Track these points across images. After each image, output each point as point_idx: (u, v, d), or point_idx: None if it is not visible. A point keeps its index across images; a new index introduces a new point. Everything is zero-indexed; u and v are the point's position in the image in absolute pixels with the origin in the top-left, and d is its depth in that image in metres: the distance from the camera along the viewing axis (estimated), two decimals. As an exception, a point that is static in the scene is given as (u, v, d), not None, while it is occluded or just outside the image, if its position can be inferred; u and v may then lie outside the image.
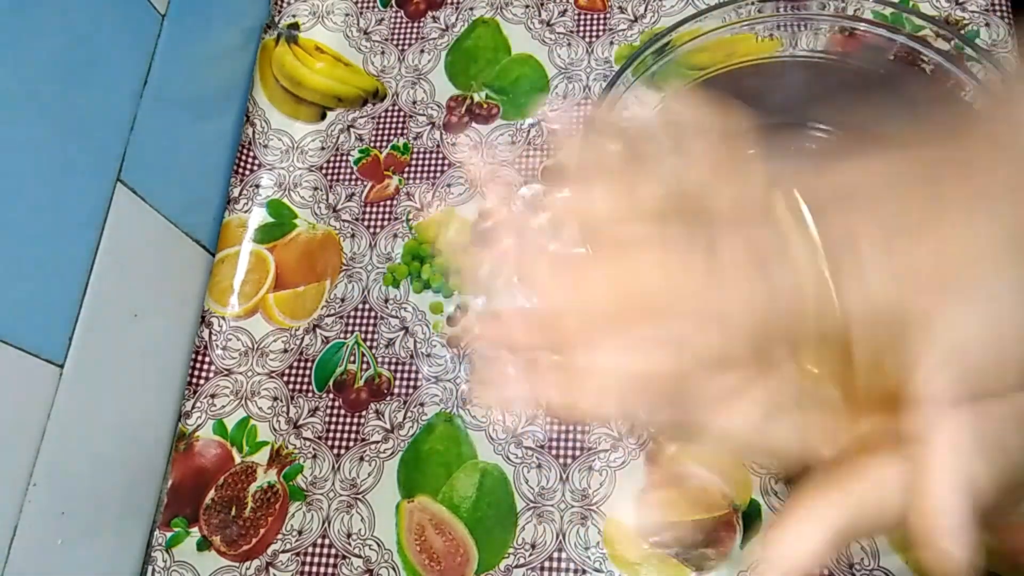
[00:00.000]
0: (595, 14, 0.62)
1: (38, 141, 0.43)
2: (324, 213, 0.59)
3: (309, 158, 0.61)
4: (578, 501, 0.48)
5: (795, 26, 0.44)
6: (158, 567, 0.51)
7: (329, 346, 0.55)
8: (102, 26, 0.48)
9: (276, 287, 0.58)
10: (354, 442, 0.52)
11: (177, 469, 0.53)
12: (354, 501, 0.51)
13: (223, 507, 0.52)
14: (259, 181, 0.61)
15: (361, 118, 0.62)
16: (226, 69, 0.63)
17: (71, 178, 0.46)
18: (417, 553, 0.49)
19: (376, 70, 0.63)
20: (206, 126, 0.60)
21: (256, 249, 0.59)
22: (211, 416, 0.54)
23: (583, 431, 0.50)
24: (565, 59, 0.61)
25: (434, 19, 0.64)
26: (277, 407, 0.54)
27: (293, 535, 0.50)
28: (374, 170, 0.60)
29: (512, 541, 0.48)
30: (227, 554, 0.51)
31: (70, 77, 0.46)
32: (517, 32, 0.62)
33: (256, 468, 0.53)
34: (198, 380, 0.55)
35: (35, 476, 0.43)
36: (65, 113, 0.45)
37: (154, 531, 0.52)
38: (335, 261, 0.58)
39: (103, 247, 0.48)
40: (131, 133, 0.51)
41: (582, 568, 0.47)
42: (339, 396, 0.54)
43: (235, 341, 0.56)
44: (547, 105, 0.59)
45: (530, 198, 0.57)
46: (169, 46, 0.54)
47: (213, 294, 0.57)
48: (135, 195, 0.51)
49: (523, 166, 0.58)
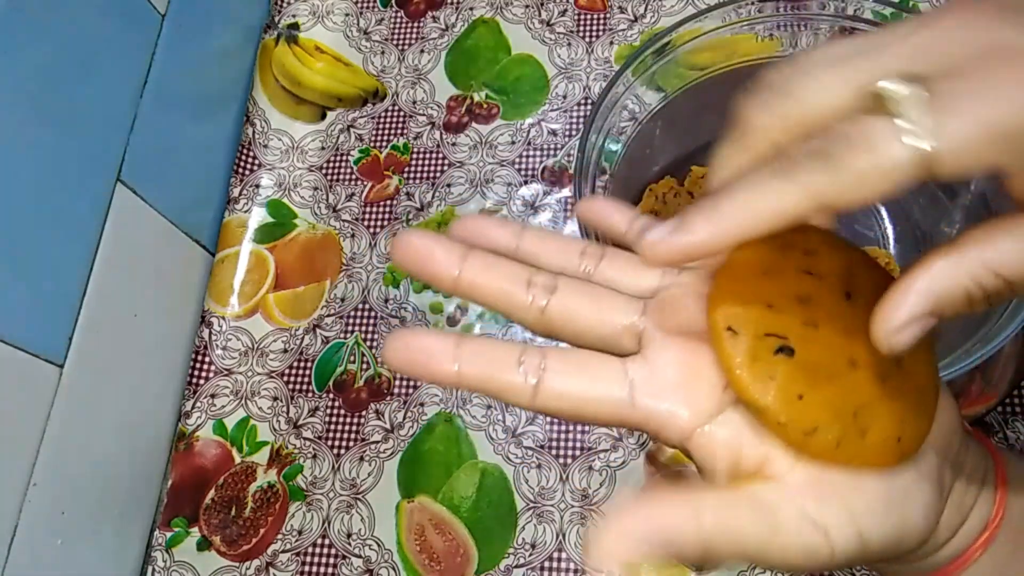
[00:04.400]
0: (595, 14, 0.62)
1: (38, 141, 0.43)
2: (324, 213, 0.59)
3: (309, 158, 0.61)
4: (578, 501, 0.48)
5: (795, 26, 0.44)
6: (158, 567, 0.51)
7: (329, 346, 0.55)
8: (102, 26, 0.48)
9: (276, 287, 0.58)
10: (354, 442, 0.52)
11: (177, 469, 0.53)
12: (354, 501, 0.51)
13: (223, 507, 0.52)
14: (259, 181, 0.61)
15: (361, 118, 0.62)
16: (226, 69, 0.63)
17: (71, 178, 0.46)
18: (417, 553, 0.49)
19: (376, 70, 0.63)
20: (206, 126, 0.60)
21: (256, 249, 0.59)
22: (211, 416, 0.54)
23: (583, 431, 0.50)
24: (565, 59, 0.61)
25: (434, 19, 0.64)
26: (277, 407, 0.54)
27: (293, 535, 0.50)
28: (374, 170, 0.60)
29: (512, 541, 0.48)
30: (227, 554, 0.51)
31: (70, 77, 0.46)
32: (517, 32, 0.62)
33: (256, 468, 0.53)
34: (198, 380, 0.55)
35: (35, 476, 0.43)
36: (65, 113, 0.45)
37: (154, 531, 0.52)
38: (335, 261, 0.58)
39: (103, 247, 0.48)
40: (131, 133, 0.51)
41: (582, 568, 0.47)
42: (339, 396, 0.54)
43: (235, 341, 0.56)
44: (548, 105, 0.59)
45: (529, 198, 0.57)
46: (169, 46, 0.54)
47: (213, 294, 0.57)
48: (135, 195, 0.51)
49: (523, 166, 0.58)
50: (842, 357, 0.21)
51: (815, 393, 0.20)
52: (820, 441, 0.20)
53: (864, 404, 0.21)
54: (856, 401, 0.21)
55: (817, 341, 0.21)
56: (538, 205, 0.57)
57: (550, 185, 0.57)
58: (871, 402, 0.21)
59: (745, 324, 0.21)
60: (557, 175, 0.57)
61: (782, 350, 0.21)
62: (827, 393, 0.21)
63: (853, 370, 0.21)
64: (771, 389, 0.20)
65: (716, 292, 0.21)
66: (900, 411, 0.21)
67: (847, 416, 0.21)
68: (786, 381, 0.20)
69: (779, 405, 0.20)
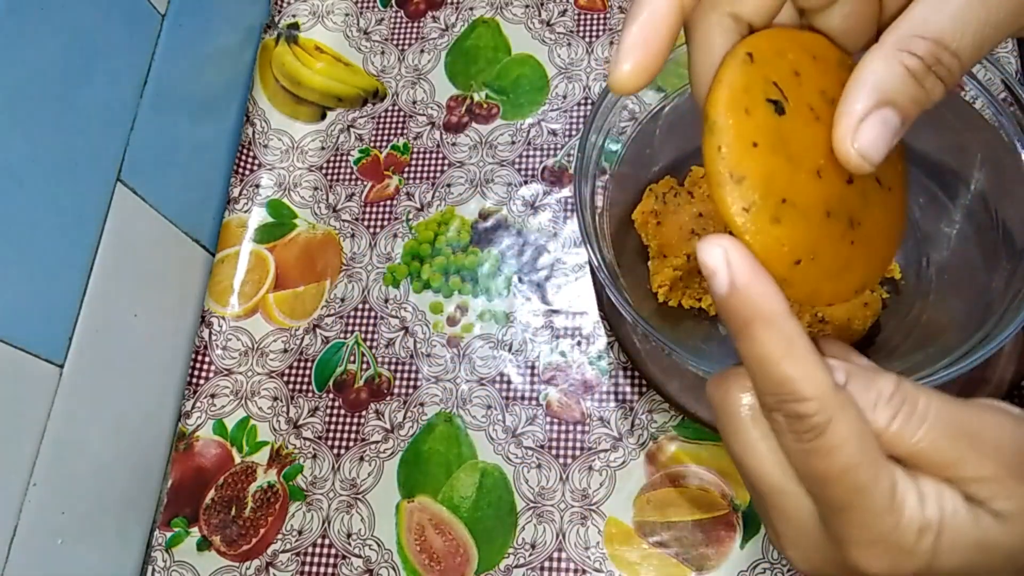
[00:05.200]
0: (595, 14, 0.62)
1: (38, 141, 0.43)
2: (324, 213, 0.59)
3: (309, 158, 0.61)
4: (578, 501, 0.48)
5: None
6: (158, 567, 0.51)
7: (329, 346, 0.55)
8: (102, 26, 0.48)
9: (276, 287, 0.58)
10: (354, 442, 0.52)
11: (177, 469, 0.53)
12: (354, 501, 0.51)
13: (223, 507, 0.52)
14: (259, 181, 0.61)
15: (361, 118, 0.62)
16: (226, 69, 0.63)
17: (71, 178, 0.46)
18: (417, 553, 0.49)
19: (376, 70, 0.63)
20: (206, 126, 0.60)
21: (256, 249, 0.59)
22: (211, 416, 0.54)
23: (583, 431, 0.50)
24: (565, 59, 0.61)
25: (434, 19, 0.64)
26: (277, 407, 0.54)
27: (293, 535, 0.50)
28: (374, 170, 0.60)
29: (512, 541, 0.48)
30: (227, 554, 0.51)
31: (70, 77, 0.46)
32: (517, 32, 0.62)
33: (256, 468, 0.53)
34: (198, 380, 0.55)
35: (35, 476, 0.43)
36: (65, 113, 0.45)
37: (154, 531, 0.52)
38: (335, 261, 0.58)
39: (103, 247, 0.48)
40: (131, 133, 0.51)
41: (582, 568, 0.47)
42: (339, 396, 0.54)
43: (235, 341, 0.56)
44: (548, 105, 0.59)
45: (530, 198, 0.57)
46: (169, 46, 0.54)
47: (213, 294, 0.57)
48: (135, 195, 0.51)
49: (523, 166, 0.58)
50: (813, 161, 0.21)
51: None
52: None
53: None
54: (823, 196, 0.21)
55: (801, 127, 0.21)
56: (538, 205, 0.57)
57: (550, 185, 0.57)
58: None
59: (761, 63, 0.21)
60: (557, 175, 0.57)
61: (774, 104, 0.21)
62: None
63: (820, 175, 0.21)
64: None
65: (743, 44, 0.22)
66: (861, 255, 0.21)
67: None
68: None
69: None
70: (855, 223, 0.21)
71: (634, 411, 0.50)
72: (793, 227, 0.20)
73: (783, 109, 0.21)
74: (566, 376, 0.52)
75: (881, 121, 0.19)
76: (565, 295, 0.54)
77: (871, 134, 0.19)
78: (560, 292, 0.54)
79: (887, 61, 0.20)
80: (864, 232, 0.22)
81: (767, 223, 0.20)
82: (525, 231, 0.56)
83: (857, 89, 0.20)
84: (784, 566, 0.45)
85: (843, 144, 0.20)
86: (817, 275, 0.21)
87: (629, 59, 0.21)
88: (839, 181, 0.21)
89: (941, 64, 0.19)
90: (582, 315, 0.53)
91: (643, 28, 0.21)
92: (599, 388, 0.51)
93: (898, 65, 0.19)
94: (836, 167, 0.20)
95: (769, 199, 0.20)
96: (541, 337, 0.53)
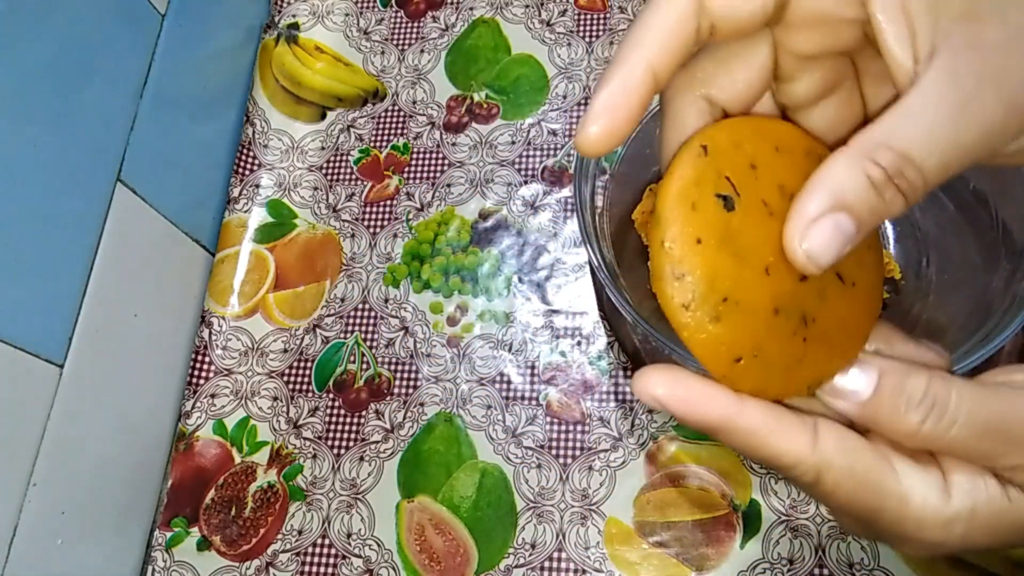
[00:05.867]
0: (595, 14, 0.62)
1: (38, 141, 0.43)
2: (324, 213, 0.59)
3: (309, 158, 0.61)
4: (578, 501, 0.48)
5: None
6: (158, 567, 0.51)
7: (329, 346, 0.55)
8: (102, 26, 0.48)
9: (276, 287, 0.58)
10: (354, 442, 0.52)
11: (177, 469, 0.53)
12: (354, 501, 0.51)
13: (223, 507, 0.52)
14: (259, 181, 0.61)
15: (361, 118, 0.62)
16: (226, 69, 0.63)
17: (71, 178, 0.46)
18: (417, 553, 0.49)
19: (376, 70, 0.63)
20: (206, 126, 0.60)
21: (256, 249, 0.59)
22: (211, 416, 0.54)
23: (583, 431, 0.50)
24: (565, 59, 0.61)
25: (434, 19, 0.64)
26: (277, 407, 0.54)
27: (293, 535, 0.50)
28: (374, 170, 0.60)
29: (512, 541, 0.48)
30: (227, 554, 0.51)
31: (70, 77, 0.46)
32: (517, 32, 0.62)
33: (256, 468, 0.53)
34: (198, 380, 0.55)
35: (35, 476, 0.43)
36: (65, 113, 0.45)
37: (154, 531, 0.52)
38: (335, 261, 0.58)
39: (103, 247, 0.48)
40: (131, 133, 0.51)
41: (582, 568, 0.47)
42: (339, 396, 0.54)
43: (235, 341, 0.56)
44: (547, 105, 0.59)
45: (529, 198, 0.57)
46: (169, 46, 0.54)
47: (213, 294, 0.57)
48: (135, 195, 0.51)
49: (523, 166, 0.58)
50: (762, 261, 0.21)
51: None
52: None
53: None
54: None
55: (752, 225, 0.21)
56: (538, 205, 0.57)
57: (550, 185, 0.57)
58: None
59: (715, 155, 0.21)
60: (557, 175, 0.57)
61: (724, 199, 0.21)
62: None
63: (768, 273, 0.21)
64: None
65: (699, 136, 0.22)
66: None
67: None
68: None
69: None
70: (808, 320, 0.21)
71: (634, 411, 0.50)
72: (734, 325, 0.20)
73: (733, 205, 0.20)
74: (566, 376, 0.52)
75: (834, 225, 0.19)
76: (565, 295, 0.54)
77: (822, 237, 0.19)
78: (560, 292, 0.54)
79: (850, 166, 0.19)
80: (819, 328, 0.21)
81: (706, 321, 0.20)
82: (525, 231, 0.56)
83: (814, 190, 0.19)
84: (784, 566, 0.45)
85: (791, 243, 0.19)
86: (761, 372, 0.21)
87: (596, 123, 0.21)
88: (790, 278, 0.21)
89: (904, 177, 0.19)
90: (582, 315, 0.53)
91: (613, 95, 0.21)
92: (599, 388, 0.51)
93: (860, 172, 0.19)
94: (788, 264, 0.20)
95: (711, 297, 0.20)
96: (541, 337, 0.53)
